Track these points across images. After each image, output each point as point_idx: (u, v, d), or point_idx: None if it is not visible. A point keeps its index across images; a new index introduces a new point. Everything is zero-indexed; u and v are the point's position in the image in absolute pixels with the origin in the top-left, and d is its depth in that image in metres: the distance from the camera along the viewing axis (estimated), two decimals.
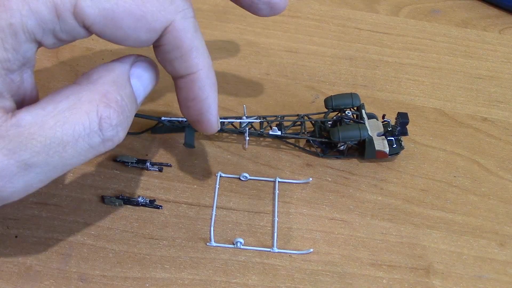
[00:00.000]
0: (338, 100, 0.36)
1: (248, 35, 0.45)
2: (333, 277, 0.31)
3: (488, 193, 0.35)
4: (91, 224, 0.32)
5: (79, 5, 0.22)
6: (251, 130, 0.36)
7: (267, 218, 0.33)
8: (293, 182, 0.35)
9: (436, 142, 0.38)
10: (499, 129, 0.39)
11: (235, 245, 0.31)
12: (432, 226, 0.33)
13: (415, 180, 0.36)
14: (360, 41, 0.45)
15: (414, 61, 0.44)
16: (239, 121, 0.36)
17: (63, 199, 0.33)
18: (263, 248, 0.32)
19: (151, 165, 0.35)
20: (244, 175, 0.35)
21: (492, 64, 0.44)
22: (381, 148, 0.35)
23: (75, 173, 0.34)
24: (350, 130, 0.34)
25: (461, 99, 0.41)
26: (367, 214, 0.34)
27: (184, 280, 0.30)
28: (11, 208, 0.32)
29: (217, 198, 0.34)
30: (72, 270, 0.30)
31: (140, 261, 0.31)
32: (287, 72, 0.42)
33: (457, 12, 0.49)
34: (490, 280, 0.31)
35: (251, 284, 0.30)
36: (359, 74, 0.43)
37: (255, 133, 0.36)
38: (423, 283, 0.31)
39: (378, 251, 0.32)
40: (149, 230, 0.32)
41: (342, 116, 0.36)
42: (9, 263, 0.30)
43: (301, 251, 0.32)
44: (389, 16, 0.48)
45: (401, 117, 0.35)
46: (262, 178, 0.35)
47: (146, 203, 0.33)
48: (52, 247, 0.31)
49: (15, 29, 0.21)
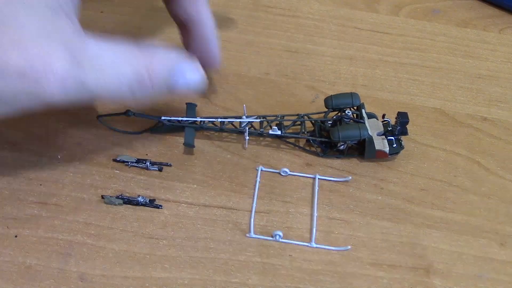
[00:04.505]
0: (338, 100, 0.36)
1: (248, 35, 0.45)
2: (333, 277, 0.31)
3: (488, 193, 0.35)
4: (91, 224, 0.32)
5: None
6: (251, 130, 0.36)
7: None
8: (333, 180, 0.35)
9: (436, 141, 0.38)
10: (499, 129, 0.39)
11: (274, 237, 0.32)
12: (432, 225, 0.33)
13: (415, 179, 0.36)
14: (360, 41, 0.45)
15: (414, 61, 0.44)
16: (239, 120, 0.36)
17: (63, 199, 0.33)
18: (301, 243, 0.32)
19: (151, 165, 0.35)
20: (284, 170, 0.35)
21: (492, 64, 0.44)
22: (381, 147, 0.35)
23: (75, 173, 0.34)
24: (350, 129, 0.34)
25: (461, 98, 0.41)
26: (367, 213, 0.34)
27: (184, 280, 0.30)
28: (11, 208, 0.32)
29: (257, 191, 0.34)
30: (72, 270, 0.30)
31: (140, 261, 0.31)
32: (287, 72, 0.42)
33: (457, 12, 0.49)
34: (490, 279, 0.31)
35: (251, 284, 0.30)
36: (359, 74, 0.43)
37: (255, 133, 0.36)
38: (423, 283, 0.31)
39: (378, 251, 0.32)
40: (149, 230, 0.32)
41: (342, 116, 0.36)
42: (9, 263, 0.30)
43: (339, 247, 0.32)
44: (389, 16, 0.48)
45: (401, 117, 0.35)
46: (302, 174, 0.35)
47: (146, 203, 0.33)
48: (52, 246, 0.31)
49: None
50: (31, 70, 0.24)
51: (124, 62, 0.27)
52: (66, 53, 0.25)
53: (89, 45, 0.27)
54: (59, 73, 0.25)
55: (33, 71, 0.24)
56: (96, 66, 0.26)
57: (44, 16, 0.25)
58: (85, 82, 0.26)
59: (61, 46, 0.25)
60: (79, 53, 0.26)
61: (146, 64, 0.28)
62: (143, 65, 0.28)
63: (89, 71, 0.26)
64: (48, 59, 0.25)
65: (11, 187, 0.33)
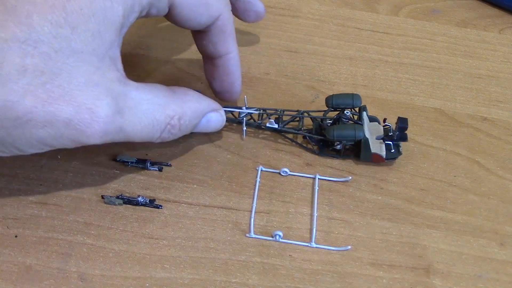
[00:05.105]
0: (339, 99, 0.36)
1: (248, 35, 0.45)
2: (333, 277, 0.31)
3: (488, 193, 0.35)
4: (91, 224, 0.32)
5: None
6: (249, 121, 0.36)
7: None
8: (332, 180, 0.35)
9: (436, 142, 0.38)
10: (499, 129, 0.39)
11: (274, 237, 0.32)
12: (432, 225, 0.33)
13: (415, 179, 0.36)
14: (360, 41, 0.45)
15: (414, 61, 0.44)
16: (238, 110, 0.36)
17: (63, 199, 0.33)
18: (301, 243, 0.32)
19: (151, 165, 0.35)
20: (284, 170, 0.35)
21: (492, 64, 0.44)
22: (377, 151, 0.35)
23: (75, 173, 0.34)
24: (345, 129, 0.34)
25: (461, 99, 0.41)
26: (367, 213, 0.34)
27: (184, 280, 0.30)
28: (11, 208, 0.32)
29: (257, 191, 0.34)
30: (72, 270, 0.30)
31: (140, 261, 0.31)
32: (287, 72, 0.42)
33: (457, 12, 0.49)
34: (490, 279, 0.31)
35: (251, 284, 0.30)
36: (359, 74, 0.43)
37: (253, 124, 0.36)
38: (423, 283, 0.31)
39: (378, 251, 0.32)
40: (149, 230, 0.32)
41: (340, 116, 0.36)
42: (9, 262, 0.30)
43: (339, 247, 0.32)
44: (389, 16, 0.48)
45: (401, 122, 0.34)
46: (302, 174, 0.35)
47: (146, 203, 0.33)
48: (52, 246, 0.31)
49: (134, 2, 0.27)
50: (77, 119, 0.25)
51: (159, 111, 0.29)
52: (111, 102, 0.26)
53: (131, 92, 0.28)
54: (102, 121, 0.26)
55: (79, 120, 0.25)
56: (135, 114, 0.28)
57: (91, 63, 0.26)
58: (123, 128, 0.27)
59: (106, 95, 0.26)
60: (122, 101, 0.27)
61: (178, 113, 0.30)
62: (176, 114, 0.30)
63: (128, 118, 0.27)
64: (94, 108, 0.25)
65: (11, 187, 0.33)
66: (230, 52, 0.34)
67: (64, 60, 0.25)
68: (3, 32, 0.23)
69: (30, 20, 0.24)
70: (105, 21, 0.26)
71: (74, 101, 0.25)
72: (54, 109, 0.25)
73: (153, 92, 0.29)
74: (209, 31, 0.33)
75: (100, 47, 0.26)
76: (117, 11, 0.26)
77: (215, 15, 0.32)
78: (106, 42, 0.26)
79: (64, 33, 0.24)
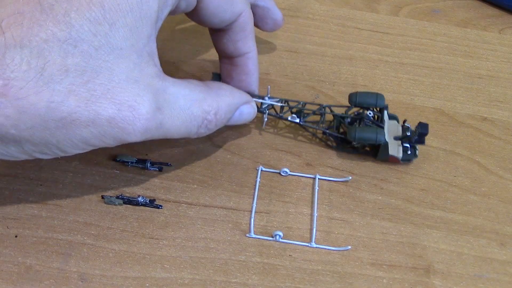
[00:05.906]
0: (362, 98, 0.36)
1: None
2: (333, 277, 0.31)
3: (488, 193, 0.35)
4: (91, 224, 0.32)
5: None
6: (271, 112, 0.36)
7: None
8: (333, 180, 0.35)
9: (436, 142, 0.38)
10: (499, 129, 0.39)
11: (274, 238, 0.32)
12: (432, 225, 0.33)
13: (415, 179, 0.36)
14: (360, 41, 0.45)
15: (414, 61, 0.44)
16: (261, 101, 0.36)
17: (63, 199, 0.33)
18: (301, 243, 0.32)
19: (151, 164, 0.35)
20: (284, 170, 0.35)
21: (492, 64, 0.44)
22: (394, 153, 0.35)
23: (75, 173, 0.34)
24: (367, 132, 0.34)
25: (461, 98, 0.41)
26: (367, 213, 0.34)
27: (184, 280, 0.30)
28: (11, 208, 0.32)
29: (257, 191, 0.34)
30: (72, 270, 0.30)
31: (140, 261, 0.31)
32: (287, 72, 0.42)
33: (457, 12, 0.49)
34: (490, 279, 0.31)
35: (251, 284, 0.30)
36: (359, 74, 0.43)
37: (275, 115, 0.36)
38: (423, 283, 0.31)
39: (378, 251, 0.32)
40: (149, 230, 0.32)
41: (362, 116, 0.36)
42: (9, 263, 0.30)
43: (339, 247, 0.32)
44: (389, 16, 0.48)
45: (421, 128, 0.34)
46: (302, 174, 0.35)
47: (146, 203, 0.33)
48: (52, 247, 0.31)
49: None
50: (119, 117, 0.25)
51: (196, 107, 0.29)
52: (151, 98, 0.26)
53: (169, 88, 0.27)
54: (144, 118, 0.26)
55: (122, 118, 0.25)
56: (174, 110, 0.28)
57: (131, 59, 0.25)
58: (163, 124, 0.27)
59: (146, 91, 0.26)
60: (161, 97, 0.27)
61: (214, 108, 0.30)
62: (212, 109, 0.30)
63: (167, 114, 0.27)
64: (136, 105, 0.25)
65: (11, 187, 0.33)
66: (250, 51, 0.34)
67: (104, 58, 0.24)
68: (42, 32, 0.23)
69: (68, 18, 0.23)
70: (142, 15, 0.26)
71: (116, 98, 0.25)
72: (97, 108, 0.24)
73: (189, 87, 0.29)
74: (230, 29, 0.33)
75: (138, 43, 0.26)
76: (153, 5, 0.26)
77: (238, 12, 0.32)
78: (143, 37, 0.26)
79: (103, 30, 0.24)
